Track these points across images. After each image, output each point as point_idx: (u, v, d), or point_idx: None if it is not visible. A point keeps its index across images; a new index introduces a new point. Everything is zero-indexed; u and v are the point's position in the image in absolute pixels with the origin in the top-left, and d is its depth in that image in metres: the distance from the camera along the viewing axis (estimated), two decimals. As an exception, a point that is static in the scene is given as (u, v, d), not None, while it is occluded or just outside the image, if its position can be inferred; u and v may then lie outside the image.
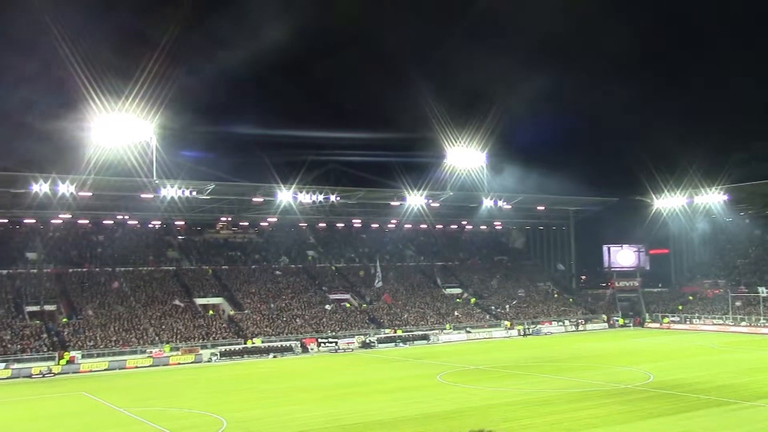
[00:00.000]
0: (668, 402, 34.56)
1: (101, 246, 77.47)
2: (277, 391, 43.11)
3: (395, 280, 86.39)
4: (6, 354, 54.87)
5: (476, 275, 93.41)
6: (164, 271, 76.19)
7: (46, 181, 59.18)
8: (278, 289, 77.55)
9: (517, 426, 29.54)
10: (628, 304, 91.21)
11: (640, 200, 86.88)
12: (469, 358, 57.54)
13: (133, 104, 57.99)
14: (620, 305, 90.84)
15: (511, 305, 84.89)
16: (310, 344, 66.62)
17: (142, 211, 75.59)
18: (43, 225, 75.88)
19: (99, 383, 48.95)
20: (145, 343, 60.85)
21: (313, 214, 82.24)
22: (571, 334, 79.48)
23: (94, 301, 66.50)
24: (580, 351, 61.38)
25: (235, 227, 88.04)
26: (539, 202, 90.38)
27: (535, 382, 42.99)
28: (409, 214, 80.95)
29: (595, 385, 40.33)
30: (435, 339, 73.18)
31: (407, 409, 34.49)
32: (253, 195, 72.88)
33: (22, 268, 69.63)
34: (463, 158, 76.87)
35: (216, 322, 67.57)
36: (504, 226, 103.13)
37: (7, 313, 61.26)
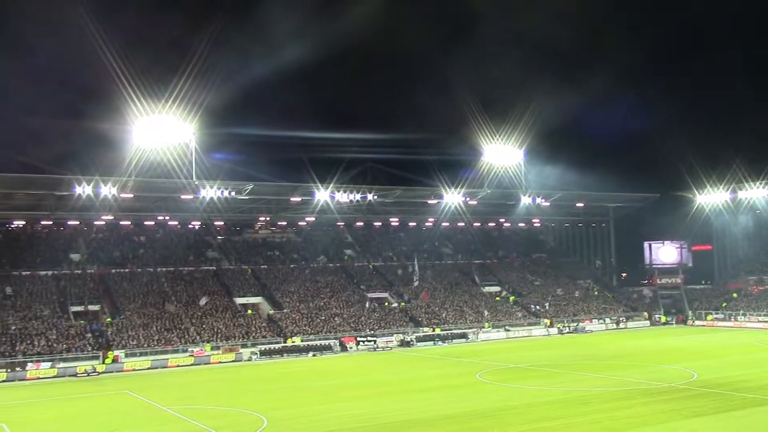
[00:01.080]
0: (713, 401, 33.94)
1: (143, 247, 78.63)
2: (317, 389, 43.31)
3: (433, 278, 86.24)
4: (52, 353, 56.02)
5: (514, 273, 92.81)
6: (204, 271, 77.08)
7: (89, 184, 60.17)
8: (317, 288, 77.93)
9: (558, 425, 29.26)
10: (671, 302, 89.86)
11: (681, 196, 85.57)
12: (508, 356, 57.21)
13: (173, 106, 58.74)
14: (662, 302, 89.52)
15: (550, 303, 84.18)
16: (348, 343, 66.85)
17: (182, 212, 76.49)
18: (86, 227, 77.25)
19: (142, 382, 49.72)
20: (186, 342, 61.63)
21: (351, 213, 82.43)
22: (612, 332, 78.58)
23: (136, 301, 67.55)
24: (621, 349, 60.63)
25: (274, 227, 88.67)
26: (578, 198, 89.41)
27: (576, 380, 42.56)
28: (446, 212, 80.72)
29: (637, 384, 39.78)
30: (474, 337, 72.92)
31: (446, 408, 34.38)
32: (291, 195, 73.29)
33: (67, 269, 71.02)
34: (501, 155, 76.38)
35: (255, 322, 68.16)
36: (542, 223, 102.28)
37: (53, 314, 62.54)
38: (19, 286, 65.89)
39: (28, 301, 63.79)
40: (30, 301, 63.73)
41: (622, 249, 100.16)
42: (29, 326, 59.30)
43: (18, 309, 61.99)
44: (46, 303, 64.13)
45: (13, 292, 64.76)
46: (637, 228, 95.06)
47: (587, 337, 74.30)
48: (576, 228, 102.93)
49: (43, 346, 56.61)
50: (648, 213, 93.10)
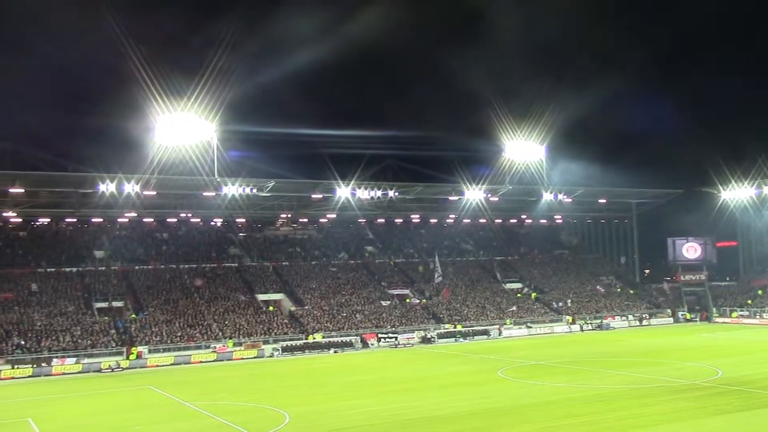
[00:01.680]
0: (738, 398, 33.55)
1: (165, 243, 79.23)
2: (339, 385, 43.40)
3: (454, 275, 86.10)
4: (77, 349, 56.67)
5: (536, 269, 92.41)
6: (227, 267, 77.52)
7: (112, 181, 60.73)
8: (338, 284, 78.10)
9: (581, 422, 29.09)
10: (694, 298, 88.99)
11: (706, 192, 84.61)
12: (530, 353, 56.99)
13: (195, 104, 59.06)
14: (686, 299, 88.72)
15: (572, 300, 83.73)
16: (370, 339, 66.94)
17: (204, 209, 77.01)
18: (110, 224, 77.96)
19: (165, 377, 50.12)
20: (209, 339, 62.06)
21: (372, 209, 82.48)
22: (635, 329, 78.02)
23: (159, 297, 68.09)
24: (644, 346, 60.15)
25: (295, 224, 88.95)
26: (601, 194, 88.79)
27: (599, 377, 42.29)
28: (467, 208, 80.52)
29: (661, 381, 39.45)
30: (495, 334, 72.72)
31: (468, 405, 34.31)
32: (312, 191, 73.48)
33: (91, 265, 71.74)
34: (522, 151, 76.03)
35: (277, 318, 68.46)
36: (564, 219, 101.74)
37: (77, 310, 63.22)
38: (44, 283, 66.68)
39: (53, 297, 64.54)
40: (55, 298, 64.48)
41: (646, 245, 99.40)
42: (54, 322, 60.01)
43: (43, 305, 62.75)
44: (70, 299, 64.85)
45: (38, 288, 65.55)
46: (661, 224, 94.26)
47: (610, 334, 73.83)
48: (598, 224, 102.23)
49: (68, 342, 57.27)
50: (672, 209, 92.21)
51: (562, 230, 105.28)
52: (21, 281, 66.02)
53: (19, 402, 41.20)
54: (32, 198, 66.43)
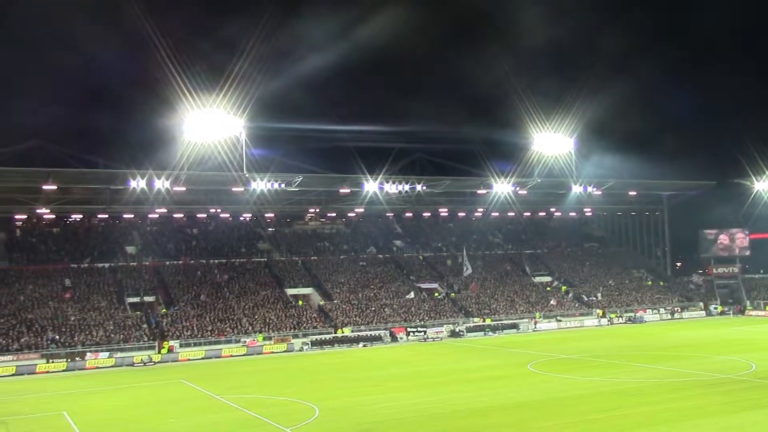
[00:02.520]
0: (773, 392, 33.10)
1: (195, 239, 79.95)
2: (368, 379, 43.54)
3: (483, 268, 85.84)
4: (110, 343, 57.46)
5: (566, 263, 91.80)
6: (256, 262, 78.02)
7: (143, 178, 61.34)
8: (366, 278, 78.25)
9: (611, 416, 28.88)
10: (727, 291, 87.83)
11: (739, 183, 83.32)
12: (560, 347, 56.67)
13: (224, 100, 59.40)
14: (719, 292, 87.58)
15: (602, 293, 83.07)
16: (399, 333, 67.02)
17: (233, 205, 77.51)
18: (141, 220, 78.89)
19: (196, 371, 50.65)
20: (239, 333, 62.57)
21: (400, 203, 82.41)
22: (666, 323, 77.25)
23: (190, 292, 68.76)
24: (676, 340, 59.53)
25: (323, 218, 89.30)
26: (631, 187, 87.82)
27: (630, 371, 41.93)
28: (495, 202, 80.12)
29: (693, 375, 38.99)
30: (525, 328, 72.41)
31: (498, 398, 34.24)
32: (340, 186, 73.63)
33: (123, 261, 72.66)
34: (551, 144, 75.42)
35: (306, 312, 68.79)
36: (594, 212, 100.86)
37: (110, 305, 64.07)
38: (77, 278, 67.67)
39: (86, 292, 65.47)
40: (88, 293, 65.41)
41: (677, 238, 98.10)
42: (88, 317, 60.89)
43: (77, 300, 63.70)
44: (103, 294, 65.74)
45: (71, 284, 66.54)
46: (693, 216, 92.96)
47: (641, 327, 73.15)
48: (629, 217, 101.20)
49: (101, 337, 58.09)
50: (704, 201, 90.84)
51: (591, 223, 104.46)
52: (55, 277, 67.07)
53: (54, 395, 41.90)
54: (65, 195, 67.34)
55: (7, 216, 72.74)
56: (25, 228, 74.53)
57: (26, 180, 61.63)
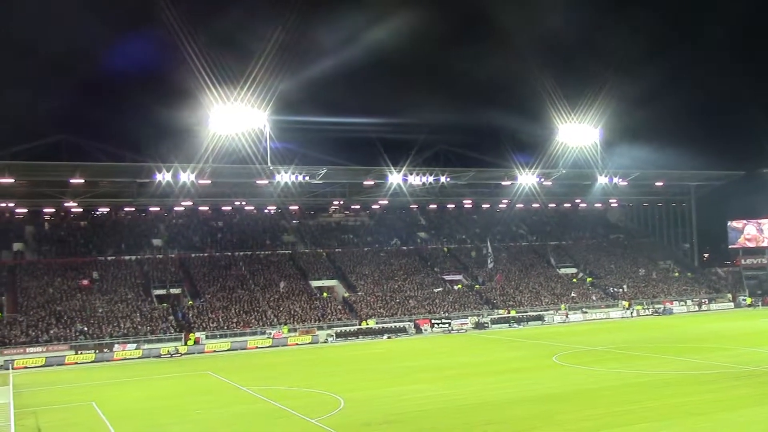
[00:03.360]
0: (803, 385, 32.66)
1: (221, 231, 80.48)
2: (393, 371, 43.59)
3: (508, 260, 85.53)
4: (137, 335, 58.10)
5: (591, 254, 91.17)
6: (280, 254, 78.39)
7: (168, 171, 61.80)
8: (391, 270, 78.30)
9: (637, 408, 28.67)
10: (756, 283, 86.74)
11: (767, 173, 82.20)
12: (585, 339, 56.34)
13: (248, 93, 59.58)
14: (747, 284, 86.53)
15: (628, 285, 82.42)
16: (423, 325, 67.04)
17: (257, 197, 77.92)
18: (167, 212, 79.60)
19: (222, 363, 51.05)
20: (264, 325, 62.95)
21: (424, 195, 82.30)
22: (693, 314, 76.46)
23: (215, 284, 69.26)
24: (703, 331, 58.91)
25: (347, 210, 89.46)
26: (658, 177, 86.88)
27: (657, 363, 41.58)
28: (520, 193, 79.70)
29: (720, 367, 38.56)
30: (550, 319, 72.09)
31: (523, 390, 34.12)
32: (363, 178, 73.66)
33: (149, 253, 73.36)
34: (576, 135, 74.81)
35: (331, 304, 69.01)
36: (620, 203, 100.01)
37: (137, 297, 64.76)
38: (105, 271, 68.45)
39: (113, 285, 66.22)
40: (115, 285, 66.15)
41: (705, 229, 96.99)
42: (115, 309, 61.61)
43: (104, 293, 64.45)
44: (130, 287, 66.46)
45: (99, 276, 67.31)
46: (721, 207, 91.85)
47: (668, 319, 72.51)
48: (655, 207, 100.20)
49: (129, 328, 58.77)
50: (732, 191, 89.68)
51: (617, 214, 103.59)
52: (83, 269, 67.89)
53: (83, 386, 42.51)
54: (92, 188, 68.10)
55: (36, 209, 73.87)
56: (53, 221, 75.54)
57: (54, 174, 62.43)
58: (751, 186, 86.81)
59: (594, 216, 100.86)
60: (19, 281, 64.15)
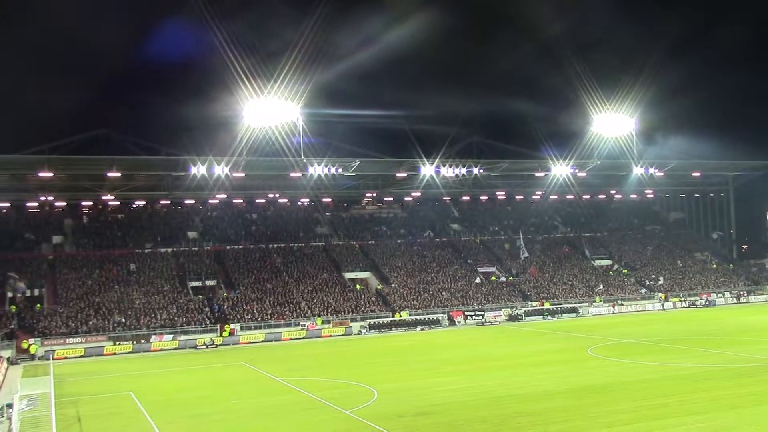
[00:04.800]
0: None
1: (255, 224, 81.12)
2: (426, 363, 43.60)
3: (542, 252, 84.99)
4: (173, 326, 58.87)
5: (627, 246, 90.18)
6: (314, 246, 78.80)
7: (203, 164, 62.34)
8: (424, 262, 78.27)
9: (675, 401, 28.34)
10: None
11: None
12: (620, 331, 55.81)
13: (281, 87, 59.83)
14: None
15: (665, 276, 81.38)
16: (456, 317, 66.94)
17: (291, 190, 78.34)
18: (201, 205, 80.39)
19: (257, 354, 51.53)
20: (298, 317, 63.37)
21: (456, 187, 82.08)
22: (732, 307, 75.27)
23: (250, 276, 69.86)
24: (742, 324, 57.95)
25: (380, 203, 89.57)
26: (694, 167, 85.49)
27: (694, 356, 41.02)
28: (554, 184, 79.08)
29: (759, 361, 37.94)
30: (584, 312, 71.50)
31: (558, 382, 33.90)
32: (396, 170, 73.61)
33: (185, 246, 74.22)
34: (611, 125, 73.90)
35: (364, 296, 69.22)
36: (656, 194, 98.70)
37: (173, 289, 65.59)
38: (141, 263, 69.41)
39: (150, 276, 67.15)
40: (152, 277, 67.07)
41: (743, 219, 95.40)
42: (152, 301, 62.48)
43: (141, 284, 65.39)
44: (166, 279, 67.32)
45: (136, 268, 68.27)
46: (759, 197, 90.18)
47: (705, 311, 71.48)
48: (692, 198, 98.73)
49: (165, 320, 59.57)
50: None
51: (653, 205, 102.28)
52: (120, 262, 68.91)
53: (121, 376, 43.23)
54: (128, 181, 69.09)
55: (74, 203, 75.18)
56: (91, 214, 76.75)
57: (91, 167, 63.41)
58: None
59: (630, 207, 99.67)
60: (59, 273, 65.35)
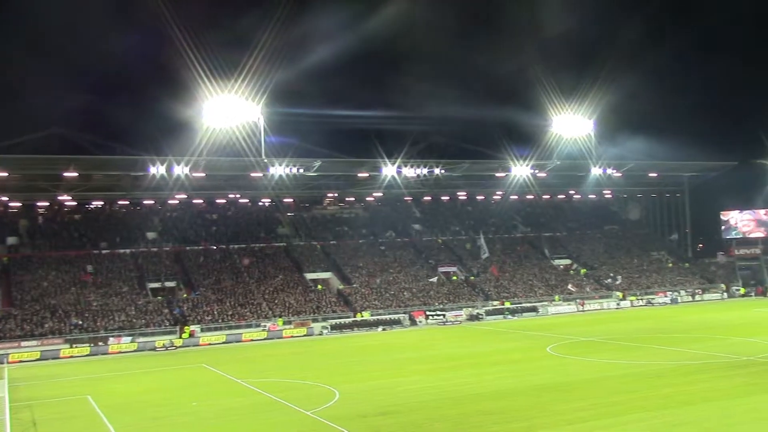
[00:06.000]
0: (795, 374, 32.88)
1: (215, 224, 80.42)
2: (388, 363, 43.70)
3: (502, 251, 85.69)
4: (132, 328, 58.09)
5: (586, 245, 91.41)
6: (275, 247, 78.40)
7: (162, 164, 61.70)
8: (385, 262, 78.40)
9: (631, 398, 28.84)
10: (749, 273, 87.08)
11: (761, 163, 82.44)
12: (579, 329, 56.57)
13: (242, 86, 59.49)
14: (740, 274, 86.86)
15: (622, 276, 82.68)
16: (418, 317, 67.16)
17: (252, 190, 77.84)
18: (161, 205, 79.42)
19: (218, 356, 51.09)
20: (259, 317, 62.99)
21: (418, 187, 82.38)
22: (687, 305, 76.75)
23: (210, 277, 69.25)
24: (697, 322, 59.17)
25: (342, 203, 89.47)
26: (651, 168, 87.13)
27: (650, 354, 41.78)
28: (514, 184, 79.87)
29: (714, 357, 38.78)
30: (544, 311, 72.30)
31: (518, 381, 34.27)
32: (358, 170, 73.67)
33: (144, 247, 73.26)
34: (570, 126, 74.95)
35: (326, 296, 69.08)
36: (614, 194, 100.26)
37: (131, 290, 64.73)
38: (99, 264, 68.37)
39: (108, 278, 66.18)
40: (110, 279, 66.11)
41: (698, 219, 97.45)
42: (110, 302, 61.57)
43: (99, 286, 64.40)
44: (125, 280, 66.41)
45: (94, 270, 67.21)
46: (714, 197, 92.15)
47: (661, 310, 72.80)
48: (649, 198, 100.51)
49: (124, 322, 58.75)
50: (725, 182, 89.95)
51: (611, 205, 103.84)
52: (77, 263, 67.79)
53: (78, 380, 42.53)
54: (86, 181, 67.97)
55: (29, 203, 73.68)
56: (47, 215, 75.34)
57: (48, 167, 62.32)
58: (744, 176, 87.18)
59: (588, 207, 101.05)
60: (14, 275, 64.04)
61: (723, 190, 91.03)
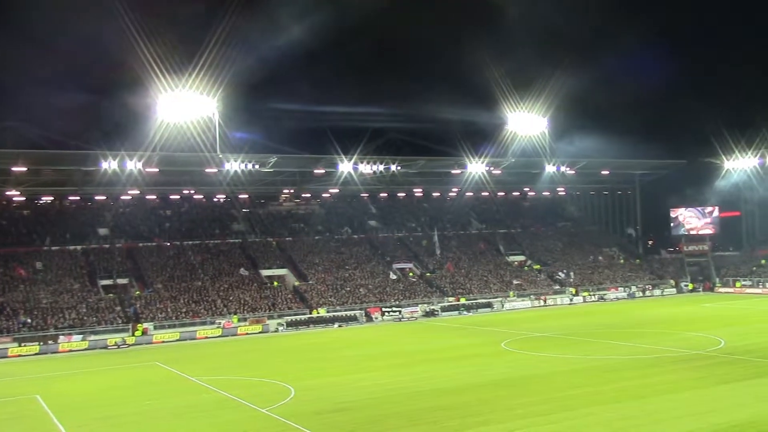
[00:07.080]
0: (741, 367, 33.75)
1: (169, 220, 79.36)
2: (343, 359, 43.70)
3: (458, 248, 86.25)
4: (83, 326, 57.02)
5: (539, 242, 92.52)
6: (230, 243, 77.69)
7: (114, 159, 60.75)
8: (341, 259, 78.29)
9: (583, 393, 29.32)
10: (698, 269, 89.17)
11: (709, 162, 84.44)
12: (533, 325, 57.26)
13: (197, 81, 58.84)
14: (689, 270, 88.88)
15: (575, 271, 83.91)
16: (374, 313, 67.27)
17: (207, 186, 77.03)
18: (113, 201, 78.02)
19: (171, 353, 50.46)
20: (213, 315, 62.38)
21: (374, 184, 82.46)
22: (638, 300, 78.24)
23: (163, 274, 68.34)
24: (647, 317, 60.38)
25: (298, 199, 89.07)
26: (603, 166, 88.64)
27: (602, 348, 42.51)
28: (470, 181, 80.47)
29: (663, 352, 39.67)
30: (498, 306, 73.00)
31: (472, 377, 34.55)
32: (314, 167, 73.46)
33: (95, 243, 71.94)
34: (525, 124, 75.82)
35: (281, 293, 68.74)
36: (567, 192, 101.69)
37: (83, 287, 63.52)
38: (49, 261, 66.93)
39: (58, 275, 64.81)
40: (60, 276, 64.76)
41: (649, 216, 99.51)
42: (60, 300, 60.34)
43: (49, 283, 63.05)
44: (75, 277, 65.14)
45: (43, 266, 65.79)
46: (664, 195, 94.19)
47: (613, 305, 74.09)
48: (601, 196, 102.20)
49: (74, 320, 57.63)
50: (675, 180, 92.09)
51: (565, 202, 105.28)
52: (26, 260, 66.25)
53: (26, 379, 41.60)
54: (35, 176, 66.53)
55: (-25, 199, 71.73)
56: (-6, 210, 73.46)
57: (-5, 162, 60.76)
58: (693, 175, 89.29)
59: (543, 204, 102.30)
60: (-41, 272, 62.36)
61: (673, 187, 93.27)
